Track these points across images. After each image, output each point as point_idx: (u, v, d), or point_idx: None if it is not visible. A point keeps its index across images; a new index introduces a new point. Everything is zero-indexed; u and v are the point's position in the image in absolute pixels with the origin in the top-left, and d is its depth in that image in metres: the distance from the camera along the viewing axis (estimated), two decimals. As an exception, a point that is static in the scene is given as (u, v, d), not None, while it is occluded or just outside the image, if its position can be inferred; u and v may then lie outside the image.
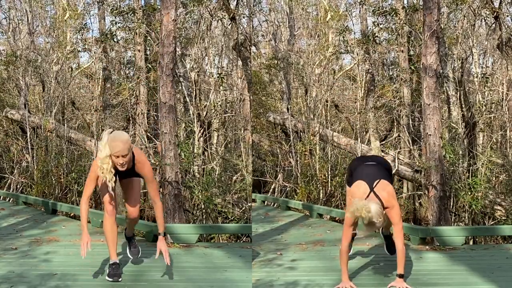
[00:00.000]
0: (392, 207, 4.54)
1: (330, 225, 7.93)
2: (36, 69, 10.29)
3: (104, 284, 4.61)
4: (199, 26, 9.63)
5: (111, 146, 4.42)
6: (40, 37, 10.80)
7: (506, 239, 7.59)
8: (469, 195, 7.93)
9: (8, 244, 6.12)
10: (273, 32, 11.26)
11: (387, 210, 4.52)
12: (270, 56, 11.29)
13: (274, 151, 10.88)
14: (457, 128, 8.83)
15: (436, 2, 7.57)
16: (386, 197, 4.52)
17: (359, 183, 4.64)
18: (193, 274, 5.04)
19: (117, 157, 4.43)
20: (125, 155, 4.43)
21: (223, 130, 10.15)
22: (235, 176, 9.27)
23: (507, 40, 8.59)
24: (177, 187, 7.30)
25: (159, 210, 4.70)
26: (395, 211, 4.54)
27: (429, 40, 7.49)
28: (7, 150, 10.61)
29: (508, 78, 9.51)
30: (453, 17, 9.91)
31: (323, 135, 9.89)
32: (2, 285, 4.51)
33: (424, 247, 6.15)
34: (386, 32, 10.22)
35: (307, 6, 10.89)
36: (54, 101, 9.99)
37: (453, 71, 9.16)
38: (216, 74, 9.64)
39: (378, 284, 4.79)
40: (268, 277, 5.00)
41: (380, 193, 4.51)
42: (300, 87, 10.94)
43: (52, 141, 9.80)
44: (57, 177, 9.46)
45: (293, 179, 9.99)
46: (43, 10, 10.74)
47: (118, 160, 4.43)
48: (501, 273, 4.94)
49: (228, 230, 7.52)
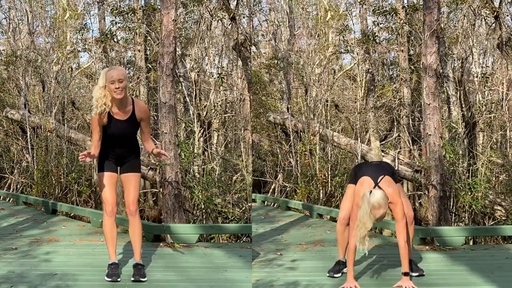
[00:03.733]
0: (396, 203, 4.59)
1: (330, 225, 7.92)
2: (36, 69, 10.29)
3: (104, 284, 4.61)
4: (199, 26, 9.63)
5: (107, 75, 4.48)
6: (40, 37, 10.81)
7: (506, 239, 7.59)
8: (469, 195, 7.93)
9: (8, 244, 6.12)
10: (273, 32, 11.26)
11: (391, 205, 4.58)
12: (270, 56, 11.29)
13: (274, 151, 10.88)
14: (457, 128, 8.83)
15: (436, 2, 7.57)
16: (391, 193, 4.57)
17: (363, 179, 4.69)
18: (193, 274, 5.04)
19: (112, 83, 4.46)
20: (121, 80, 4.46)
21: (223, 130, 10.15)
22: (235, 176, 9.27)
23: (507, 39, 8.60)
24: (177, 187, 7.30)
25: None
26: (399, 207, 4.60)
27: (429, 40, 7.49)
28: (7, 150, 10.61)
29: (508, 78, 9.51)
30: (453, 17, 9.91)
31: (323, 135, 9.89)
32: (2, 285, 4.51)
33: (424, 247, 6.15)
34: (386, 32, 10.23)
35: (307, 5, 10.89)
36: (54, 101, 9.99)
37: (453, 71, 9.16)
38: (216, 74, 9.63)
39: (381, 284, 4.79)
40: (268, 277, 5.00)
41: (385, 189, 4.56)
42: (300, 87, 10.94)
43: (52, 141, 9.80)
44: (57, 177, 9.46)
45: (293, 179, 9.99)
46: (43, 10, 10.74)
47: (114, 85, 4.46)
48: (501, 273, 4.94)
49: (228, 230, 7.52)
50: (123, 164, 4.81)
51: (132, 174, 4.81)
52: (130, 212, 4.79)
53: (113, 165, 4.78)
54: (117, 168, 4.81)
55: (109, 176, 4.75)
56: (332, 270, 4.98)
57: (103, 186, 4.74)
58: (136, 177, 4.84)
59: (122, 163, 4.81)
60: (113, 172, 4.78)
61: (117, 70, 4.56)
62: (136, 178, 4.85)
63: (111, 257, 4.75)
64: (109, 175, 4.75)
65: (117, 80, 4.47)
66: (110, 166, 4.76)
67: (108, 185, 4.73)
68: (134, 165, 4.84)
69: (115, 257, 4.78)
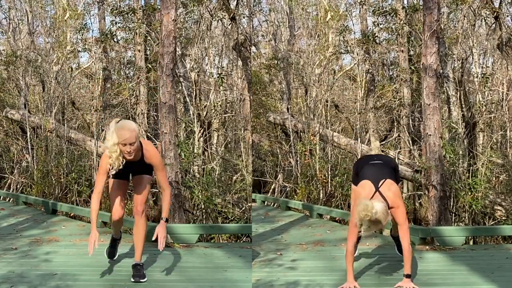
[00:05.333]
0: (398, 207, 4.57)
1: (330, 225, 7.92)
2: (36, 69, 10.29)
3: (105, 284, 4.61)
4: (199, 26, 9.63)
5: (119, 134, 4.42)
6: (40, 37, 10.81)
7: (506, 239, 7.59)
8: (469, 195, 7.93)
9: (8, 244, 6.12)
10: (273, 32, 11.26)
11: (392, 210, 4.54)
12: (270, 56, 11.29)
13: (274, 151, 10.88)
14: (457, 128, 8.83)
15: (436, 2, 7.56)
16: (392, 197, 4.55)
17: (365, 183, 4.66)
18: (193, 274, 5.04)
19: (124, 145, 4.43)
20: (133, 143, 4.43)
21: (223, 130, 10.15)
22: (235, 176, 9.27)
23: (507, 40, 8.60)
24: (177, 187, 7.30)
25: (167, 196, 4.74)
26: (401, 210, 4.58)
27: (429, 40, 7.49)
28: (7, 150, 10.61)
29: (508, 78, 9.51)
30: (453, 17, 9.91)
31: (323, 135, 9.89)
32: (3, 285, 4.51)
33: (424, 247, 6.15)
34: (386, 32, 10.23)
35: (307, 6, 10.89)
36: (54, 101, 9.99)
37: (453, 71, 9.16)
38: (216, 74, 9.63)
39: (381, 284, 4.79)
40: (268, 277, 5.00)
41: (385, 193, 4.54)
42: (300, 87, 10.94)
43: (52, 141, 9.80)
44: (57, 177, 9.45)
45: (293, 179, 9.98)
46: (43, 10, 10.74)
47: (125, 148, 4.43)
48: (501, 273, 4.94)
49: (228, 230, 7.52)
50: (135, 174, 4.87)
51: (144, 175, 4.84)
52: (136, 212, 4.81)
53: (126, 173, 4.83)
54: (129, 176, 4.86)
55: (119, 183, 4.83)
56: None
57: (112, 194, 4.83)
58: (147, 178, 4.86)
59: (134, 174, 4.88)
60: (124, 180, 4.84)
61: (129, 131, 4.44)
62: (148, 179, 4.87)
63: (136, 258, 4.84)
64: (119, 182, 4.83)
65: (129, 144, 4.45)
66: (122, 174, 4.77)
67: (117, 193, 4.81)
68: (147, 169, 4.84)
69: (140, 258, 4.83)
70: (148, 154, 4.67)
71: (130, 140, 4.41)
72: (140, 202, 4.79)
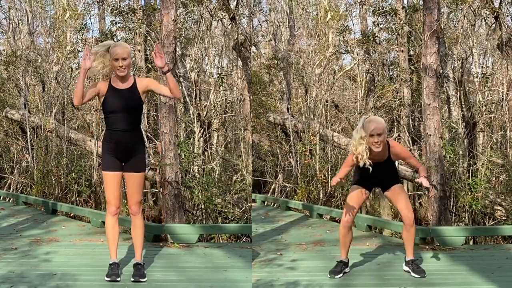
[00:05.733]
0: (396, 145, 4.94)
1: (330, 225, 7.92)
2: (36, 69, 10.30)
3: (104, 284, 4.61)
4: (199, 26, 9.63)
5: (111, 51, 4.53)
6: (40, 37, 10.82)
7: (506, 239, 7.59)
8: (469, 195, 7.92)
9: (8, 244, 6.12)
10: (273, 32, 11.27)
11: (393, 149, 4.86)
12: (270, 56, 11.30)
13: (274, 151, 10.88)
14: (457, 128, 8.83)
15: (436, 2, 7.56)
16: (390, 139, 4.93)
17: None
18: (193, 274, 5.04)
19: (116, 60, 4.51)
20: (125, 59, 4.52)
21: (223, 130, 10.16)
22: (235, 176, 9.27)
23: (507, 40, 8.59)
24: (177, 187, 7.30)
25: None
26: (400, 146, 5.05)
27: (429, 40, 7.48)
28: (7, 150, 10.62)
29: (508, 78, 9.52)
30: (453, 17, 9.91)
31: (323, 135, 9.89)
32: (2, 285, 4.51)
33: (424, 247, 6.15)
34: (386, 32, 10.23)
35: (307, 6, 10.90)
36: (54, 101, 9.99)
37: (453, 71, 9.16)
38: (216, 74, 9.64)
39: (381, 284, 4.79)
40: (268, 277, 5.00)
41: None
42: (300, 87, 10.95)
43: (52, 141, 9.80)
44: (57, 177, 9.46)
45: (293, 179, 9.99)
46: (43, 10, 10.75)
47: (117, 63, 4.51)
48: (501, 273, 4.94)
49: (228, 230, 7.52)
50: (127, 161, 4.68)
51: (136, 174, 4.71)
52: (132, 212, 4.76)
53: (117, 163, 4.66)
54: (121, 165, 4.68)
55: (113, 176, 4.66)
56: (333, 271, 4.97)
57: (106, 186, 4.71)
58: (140, 177, 4.74)
59: (126, 159, 4.68)
60: (116, 172, 4.67)
61: (122, 47, 4.54)
62: (140, 178, 4.75)
63: (112, 257, 4.74)
64: (112, 176, 4.66)
65: (121, 58, 4.48)
66: (113, 164, 4.65)
67: (112, 185, 4.66)
68: (138, 163, 4.71)
69: (116, 257, 4.77)
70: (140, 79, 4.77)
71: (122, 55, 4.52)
72: (135, 203, 4.74)
